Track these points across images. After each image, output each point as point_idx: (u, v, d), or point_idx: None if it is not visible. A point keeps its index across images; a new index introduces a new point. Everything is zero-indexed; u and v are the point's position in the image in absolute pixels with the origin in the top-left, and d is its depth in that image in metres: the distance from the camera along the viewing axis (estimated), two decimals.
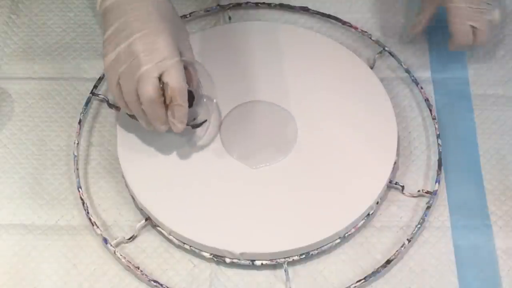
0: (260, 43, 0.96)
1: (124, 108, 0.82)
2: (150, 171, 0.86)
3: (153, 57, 0.77)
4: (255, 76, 0.93)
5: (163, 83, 0.78)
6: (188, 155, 0.87)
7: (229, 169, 0.86)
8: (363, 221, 0.84)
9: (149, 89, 0.77)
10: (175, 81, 0.77)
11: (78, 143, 0.90)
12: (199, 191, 0.84)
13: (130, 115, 0.84)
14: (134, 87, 0.78)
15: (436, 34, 0.98)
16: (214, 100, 0.86)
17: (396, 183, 0.86)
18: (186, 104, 0.79)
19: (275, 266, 0.82)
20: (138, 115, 0.81)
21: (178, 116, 0.79)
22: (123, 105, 0.81)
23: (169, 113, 0.80)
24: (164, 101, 0.79)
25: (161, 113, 0.80)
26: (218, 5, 1.01)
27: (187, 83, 0.80)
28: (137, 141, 0.87)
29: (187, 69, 0.81)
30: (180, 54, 0.79)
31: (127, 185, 0.86)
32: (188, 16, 1.00)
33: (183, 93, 0.78)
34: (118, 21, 0.78)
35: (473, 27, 0.90)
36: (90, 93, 0.94)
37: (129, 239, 0.84)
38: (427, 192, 0.86)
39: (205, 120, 0.86)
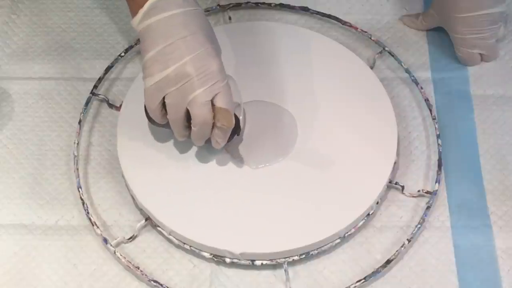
0: (260, 43, 0.96)
1: (159, 122, 0.82)
2: (150, 171, 0.86)
3: (206, 80, 0.77)
4: (255, 76, 0.93)
5: (213, 104, 0.78)
6: (188, 155, 0.87)
7: (229, 169, 0.86)
8: (363, 221, 0.84)
9: (205, 113, 0.78)
10: (225, 103, 0.78)
11: (78, 143, 0.90)
12: (199, 191, 0.84)
13: (152, 121, 0.83)
14: (183, 109, 0.78)
15: (436, 34, 0.99)
16: (242, 106, 0.86)
17: (396, 183, 0.87)
18: (232, 125, 0.80)
19: (275, 266, 0.82)
20: (178, 133, 0.82)
21: (223, 135, 0.81)
22: (160, 120, 0.81)
23: (214, 131, 0.80)
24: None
25: (208, 133, 0.81)
26: (218, 5, 1.01)
27: None
28: (137, 141, 0.87)
29: None
30: None
31: (127, 185, 0.86)
32: None
33: (230, 115, 0.79)
34: (164, 42, 0.77)
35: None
36: (90, 93, 0.94)
37: (129, 239, 0.84)
38: (427, 192, 0.86)
39: (239, 130, 0.85)
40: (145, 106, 0.82)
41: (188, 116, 0.79)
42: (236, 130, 0.83)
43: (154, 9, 0.78)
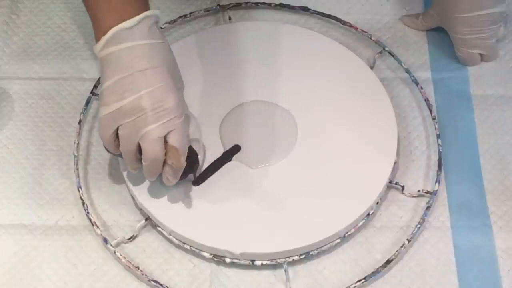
0: (260, 43, 0.96)
1: (112, 152, 0.80)
2: None
3: (161, 116, 0.75)
4: (255, 76, 0.93)
5: (166, 141, 0.76)
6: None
7: (229, 169, 0.86)
8: (363, 221, 0.84)
9: (156, 149, 0.76)
10: (180, 143, 0.76)
11: (78, 143, 0.90)
12: (199, 191, 0.84)
13: (110, 153, 0.81)
14: (135, 142, 0.76)
15: (436, 34, 0.99)
16: (201, 143, 0.84)
17: (396, 183, 0.86)
18: (183, 164, 0.78)
19: (275, 266, 0.82)
20: (130, 165, 0.80)
21: (174, 174, 0.79)
22: (113, 150, 0.79)
23: (165, 168, 0.78)
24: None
25: (159, 170, 0.78)
26: (218, 5, 1.01)
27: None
28: None
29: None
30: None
31: (127, 185, 0.86)
32: (188, 16, 1.00)
33: (182, 154, 0.77)
34: (123, 73, 0.75)
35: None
36: (90, 93, 0.94)
37: (129, 239, 0.84)
38: (427, 192, 0.86)
39: (196, 166, 0.83)
40: None
41: (140, 149, 0.77)
42: (192, 168, 0.82)
43: (117, 38, 0.75)
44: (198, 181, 0.85)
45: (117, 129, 0.77)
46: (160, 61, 0.76)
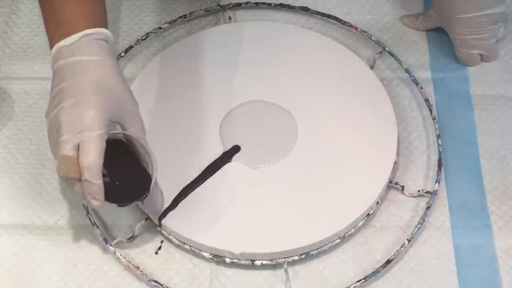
0: (260, 43, 0.96)
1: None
2: None
3: (72, 127, 0.73)
4: (255, 76, 0.93)
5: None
6: (188, 155, 0.87)
7: (229, 169, 0.86)
8: (363, 221, 0.84)
9: (61, 162, 0.73)
10: (85, 155, 0.73)
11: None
12: (199, 191, 0.84)
13: None
14: (56, 156, 0.75)
15: (436, 34, 0.99)
16: (153, 180, 0.78)
17: (396, 183, 0.86)
18: (96, 181, 0.73)
19: (275, 266, 0.82)
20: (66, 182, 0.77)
21: (89, 191, 0.73)
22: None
23: (83, 189, 0.74)
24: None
25: (77, 189, 0.74)
26: (218, 5, 1.01)
27: (137, 157, 0.78)
28: None
29: (132, 143, 0.78)
30: (123, 129, 0.77)
31: None
32: (188, 16, 1.00)
33: (92, 168, 0.72)
34: (57, 87, 0.75)
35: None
36: None
37: (129, 239, 0.84)
38: (427, 192, 0.86)
39: (146, 190, 0.78)
40: None
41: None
42: (141, 190, 0.78)
43: (58, 55, 0.76)
44: (160, 218, 0.83)
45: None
46: (88, 76, 0.75)
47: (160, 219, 0.82)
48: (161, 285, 0.80)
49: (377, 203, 0.85)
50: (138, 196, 0.78)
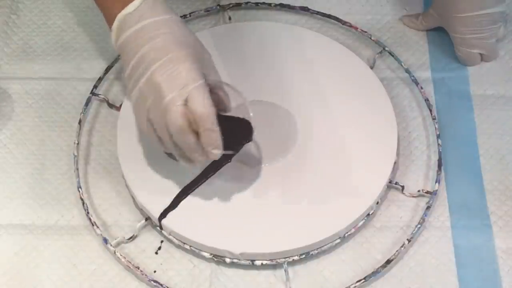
0: (260, 43, 0.96)
1: (160, 147, 0.78)
2: (150, 171, 0.86)
3: (174, 84, 0.73)
4: (255, 76, 0.93)
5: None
6: None
7: (229, 169, 0.86)
8: (363, 221, 0.84)
9: (175, 117, 0.73)
10: (200, 104, 0.73)
11: (78, 143, 0.90)
12: (199, 191, 0.84)
13: (168, 154, 0.81)
14: (163, 121, 0.74)
15: (436, 34, 0.99)
16: (251, 118, 0.80)
17: (396, 183, 0.86)
18: (216, 127, 0.74)
19: (275, 266, 0.82)
20: (174, 152, 0.77)
21: (210, 141, 0.74)
22: (158, 142, 0.77)
23: (202, 141, 0.74)
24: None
25: (192, 142, 0.74)
26: (218, 5, 1.01)
27: (221, 106, 0.77)
28: (137, 141, 0.87)
29: (217, 92, 0.77)
30: (205, 77, 0.76)
31: (127, 185, 0.86)
32: (188, 16, 1.00)
33: (210, 116, 0.73)
34: (135, 56, 0.75)
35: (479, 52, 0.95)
36: (90, 93, 0.94)
37: (129, 239, 0.84)
38: (427, 192, 0.86)
39: (250, 134, 0.80)
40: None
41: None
42: (246, 134, 0.79)
43: (122, 25, 0.76)
44: (160, 218, 0.83)
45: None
46: (165, 34, 0.75)
47: (160, 219, 0.82)
48: (161, 285, 0.80)
49: (377, 203, 0.85)
50: (247, 138, 0.78)
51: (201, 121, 0.73)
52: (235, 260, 0.82)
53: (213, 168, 0.85)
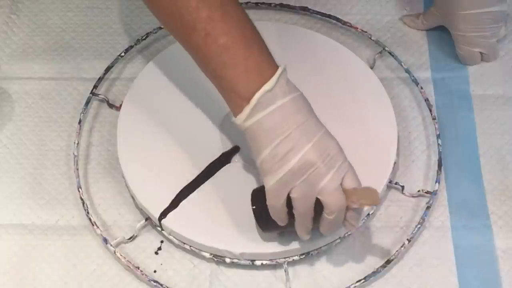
0: None
1: (282, 222, 0.76)
2: (150, 171, 0.86)
3: (332, 164, 0.72)
4: None
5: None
6: (188, 156, 0.87)
7: (229, 169, 0.86)
8: (363, 221, 0.84)
9: (341, 199, 0.73)
10: (357, 183, 0.74)
11: (78, 143, 0.90)
12: (199, 191, 0.84)
13: (272, 229, 0.79)
14: (312, 200, 0.73)
15: (436, 34, 0.99)
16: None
17: (396, 183, 0.87)
18: (379, 201, 0.76)
19: (275, 266, 0.82)
20: (304, 225, 0.76)
21: (358, 215, 0.75)
22: (283, 220, 0.76)
23: (348, 214, 0.75)
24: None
25: (342, 220, 0.75)
26: None
27: None
28: (137, 141, 0.87)
29: None
30: None
31: (127, 185, 0.86)
32: None
33: (375, 190, 0.75)
34: (280, 136, 0.72)
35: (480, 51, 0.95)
36: (90, 93, 0.94)
37: (129, 239, 0.84)
38: (427, 192, 0.86)
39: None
40: (257, 210, 0.77)
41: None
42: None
43: (262, 103, 0.72)
44: (160, 218, 0.82)
45: (288, 194, 0.74)
46: (308, 111, 0.74)
47: (160, 219, 0.82)
48: (161, 285, 0.80)
49: None
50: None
51: (362, 198, 0.74)
52: (235, 260, 0.82)
53: (213, 168, 0.86)
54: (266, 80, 0.72)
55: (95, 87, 0.94)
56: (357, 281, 0.80)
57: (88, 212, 0.85)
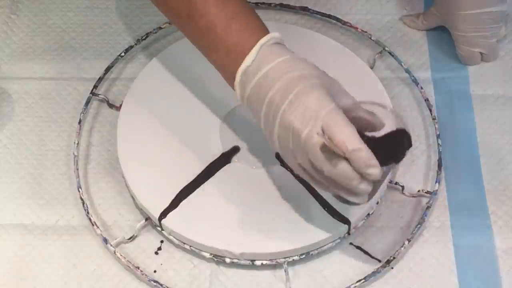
0: None
1: (321, 189, 0.74)
2: (150, 171, 0.86)
3: (306, 118, 0.69)
4: None
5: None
6: (188, 155, 0.87)
7: (229, 169, 0.86)
8: (363, 221, 0.84)
9: (315, 152, 0.69)
10: (336, 128, 0.68)
11: (78, 143, 0.90)
12: (199, 191, 0.84)
13: (337, 197, 0.76)
14: (310, 161, 0.71)
15: (437, 34, 0.99)
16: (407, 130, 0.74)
17: (396, 183, 0.86)
18: (361, 145, 0.67)
19: (275, 266, 0.82)
20: (335, 189, 0.72)
21: (360, 162, 0.68)
22: (317, 185, 0.74)
23: (353, 165, 0.68)
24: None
25: (345, 170, 0.69)
26: None
27: (368, 126, 0.72)
28: (137, 141, 0.88)
29: (357, 114, 0.72)
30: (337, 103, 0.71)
31: (127, 185, 0.86)
32: None
33: (350, 136, 0.68)
34: (263, 105, 0.72)
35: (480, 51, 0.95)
36: (90, 93, 0.94)
37: (129, 239, 0.84)
38: (427, 192, 0.86)
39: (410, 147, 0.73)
40: None
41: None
42: (406, 143, 0.72)
43: (245, 78, 0.74)
44: (160, 218, 0.82)
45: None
46: (286, 74, 0.72)
47: (160, 219, 0.82)
48: (161, 285, 0.80)
49: (377, 203, 0.85)
50: (408, 146, 0.72)
51: (343, 145, 0.67)
52: (235, 260, 0.81)
53: (213, 168, 0.86)
54: (245, 55, 0.74)
55: (95, 87, 0.94)
56: (357, 281, 0.80)
57: (88, 212, 0.85)
